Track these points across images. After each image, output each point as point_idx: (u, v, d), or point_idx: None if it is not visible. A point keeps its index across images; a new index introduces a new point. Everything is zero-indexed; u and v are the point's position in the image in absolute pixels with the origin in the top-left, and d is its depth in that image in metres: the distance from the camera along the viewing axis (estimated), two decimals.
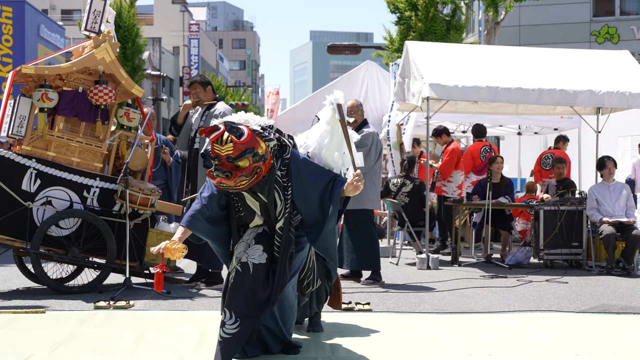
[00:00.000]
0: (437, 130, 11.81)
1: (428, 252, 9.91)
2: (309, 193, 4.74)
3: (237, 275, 4.65)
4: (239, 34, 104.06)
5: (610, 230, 9.55)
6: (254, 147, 4.56)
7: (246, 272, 4.64)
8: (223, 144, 4.53)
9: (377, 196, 8.66)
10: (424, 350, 5.20)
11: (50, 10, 53.03)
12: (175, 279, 8.11)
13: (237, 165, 4.53)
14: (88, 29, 7.93)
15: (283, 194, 4.71)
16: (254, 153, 4.55)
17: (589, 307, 6.97)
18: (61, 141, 7.49)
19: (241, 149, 4.52)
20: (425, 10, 22.12)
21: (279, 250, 4.70)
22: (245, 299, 4.62)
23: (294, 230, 4.76)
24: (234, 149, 4.51)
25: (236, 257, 4.72)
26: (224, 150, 4.53)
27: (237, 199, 4.78)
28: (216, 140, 4.55)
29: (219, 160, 4.54)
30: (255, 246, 4.72)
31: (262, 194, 4.71)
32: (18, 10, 19.35)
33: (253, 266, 4.65)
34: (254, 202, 4.76)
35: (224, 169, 4.52)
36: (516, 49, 12.51)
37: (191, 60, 53.64)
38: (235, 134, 4.52)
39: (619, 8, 27.09)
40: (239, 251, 4.74)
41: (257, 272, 4.65)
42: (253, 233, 4.79)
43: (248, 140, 4.55)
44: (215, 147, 4.56)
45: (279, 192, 4.70)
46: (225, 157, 4.53)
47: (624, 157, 12.66)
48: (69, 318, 6.11)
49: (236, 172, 4.52)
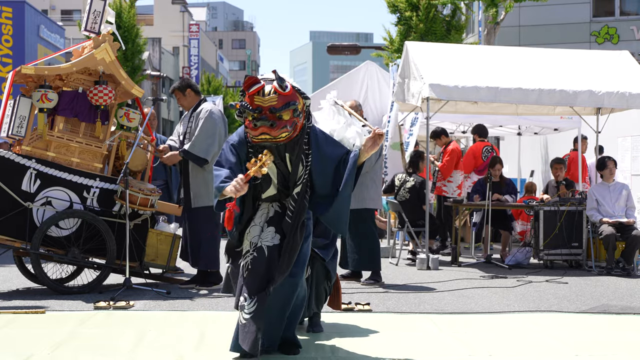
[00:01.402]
0: (436, 132, 11.82)
1: (428, 252, 9.91)
2: (326, 164, 4.79)
3: (253, 260, 4.69)
4: (238, 34, 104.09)
5: (610, 230, 9.55)
6: (296, 101, 4.63)
7: (262, 256, 4.68)
8: (265, 96, 4.56)
9: (379, 195, 8.66)
10: (424, 351, 5.19)
11: (50, 11, 53.03)
12: (175, 279, 8.11)
13: (280, 117, 4.57)
14: (88, 29, 7.93)
15: (305, 160, 4.76)
16: (295, 107, 4.61)
17: (589, 308, 6.97)
18: (61, 141, 7.49)
19: (285, 101, 4.57)
20: (426, 11, 22.12)
21: (292, 216, 4.72)
22: (263, 281, 4.66)
23: (308, 197, 4.79)
24: (278, 99, 4.56)
25: (251, 242, 4.76)
26: (267, 101, 4.56)
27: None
28: (257, 92, 4.57)
29: (261, 111, 4.56)
30: (268, 229, 4.76)
31: (291, 154, 4.73)
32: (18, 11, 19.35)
33: (268, 249, 4.70)
34: (273, 169, 4.77)
35: (268, 119, 4.55)
36: (516, 49, 12.51)
37: (191, 60, 53.66)
38: (281, 84, 4.57)
39: (619, 8, 27.08)
40: (253, 235, 4.77)
41: (271, 254, 4.70)
42: (264, 215, 4.82)
43: (291, 94, 4.62)
44: (256, 99, 4.58)
45: (303, 157, 4.76)
46: (268, 108, 4.56)
47: (624, 157, 12.65)
48: (69, 318, 6.11)
49: (280, 123, 4.56)
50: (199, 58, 54.12)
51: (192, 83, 8.16)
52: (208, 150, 7.63)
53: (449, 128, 13.38)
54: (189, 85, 8.04)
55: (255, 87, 4.59)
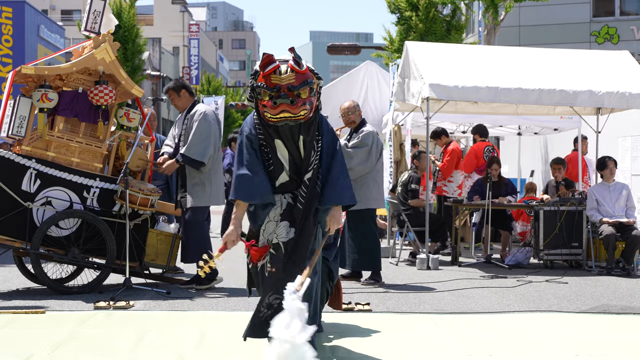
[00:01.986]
0: (436, 132, 11.82)
1: (428, 252, 9.91)
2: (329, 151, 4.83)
3: (272, 259, 4.70)
4: (238, 34, 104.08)
5: (610, 230, 9.54)
6: (312, 79, 4.65)
7: (279, 253, 4.70)
8: (282, 74, 4.57)
9: (381, 195, 8.66)
10: (424, 351, 5.20)
11: (50, 11, 53.03)
12: (175, 279, 8.11)
13: (299, 94, 4.58)
14: (88, 29, 7.93)
15: (316, 145, 4.78)
16: (312, 86, 4.64)
17: (589, 308, 6.97)
18: (61, 141, 7.49)
19: (303, 79, 4.58)
20: (426, 11, 22.12)
21: (303, 202, 4.72)
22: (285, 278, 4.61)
23: (320, 183, 4.79)
24: (295, 77, 4.57)
25: (268, 239, 4.78)
26: (285, 79, 4.56)
27: (268, 150, 4.79)
28: (273, 72, 4.57)
29: (279, 89, 4.56)
30: (281, 224, 4.76)
31: (305, 136, 4.73)
32: (18, 11, 19.33)
33: (284, 244, 4.71)
34: (285, 155, 4.78)
35: (288, 96, 4.55)
36: (516, 49, 12.50)
37: (191, 60, 53.69)
38: (299, 62, 4.58)
39: (618, 8, 27.08)
40: (269, 232, 4.78)
41: (287, 248, 4.71)
42: (277, 209, 4.80)
43: (307, 71, 4.64)
44: (273, 78, 4.57)
45: (315, 142, 4.77)
46: (286, 85, 4.55)
47: (624, 157, 12.65)
48: (69, 318, 6.11)
49: (299, 101, 4.57)
50: (199, 58, 54.13)
51: (186, 84, 8.15)
52: (204, 153, 7.63)
53: (449, 128, 13.37)
54: (184, 86, 8.03)
55: (271, 66, 4.59)
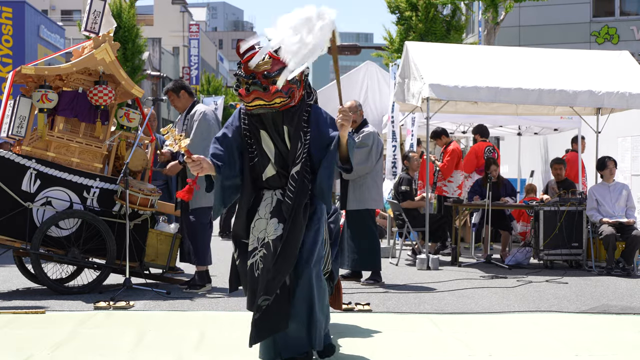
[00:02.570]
0: (436, 132, 11.82)
1: (428, 252, 9.91)
2: (322, 142, 4.58)
3: (264, 258, 4.49)
4: (239, 34, 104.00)
5: (610, 230, 9.54)
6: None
7: (269, 252, 4.48)
8: (260, 61, 4.41)
9: (380, 196, 8.66)
10: (424, 351, 5.19)
11: (50, 11, 53.04)
12: (175, 279, 8.11)
13: (274, 82, 4.39)
14: (88, 29, 7.93)
15: (304, 137, 4.56)
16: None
17: (589, 308, 6.97)
18: (61, 142, 7.49)
19: (280, 65, 4.39)
20: (425, 11, 22.13)
21: (292, 197, 4.50)
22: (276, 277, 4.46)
23: (309, 177, 4.57)
24: (272, 64, 4.41)
25: (258, 237, 4.56)
26: (261, 66, 4.41)
27: (252, 142, 4.62)
28: (251, 59, 4.41)
29: (254, 77, 4.41)
30: (271, 221, 4.55)
31: (289, 126, 4.54)
32: (18, 11, 19.33)
33: (272, 242, 4.49)
34: (270, 147, 4.61)
35: (261, 83, 4.39)
36: (516, 50, 12.50)
37: (191, 60, 53.70)
38: (276, 49, 4.38)
39: (618, 8, 27.08)
40: (260, 230, 4.57)
41: (276, 246, 4.49)
42: (268, 206, 4.60)
43: None
44: (249, 65, 4.43)
45: (302, 133, 4.56)
46: (262, 73, 4.40)
47: (624, 158, 12.66)
48: (69, 318, 6.11)
49: (273, 87, 4.39)
50: (199, 58, 54.14)
51: (185, 85, 8.13)
52: (204, 153, 7.59)
53: (449, 128, 13.37)
54: (183, 86, 8.02)
55: (250, 53, 4.43)
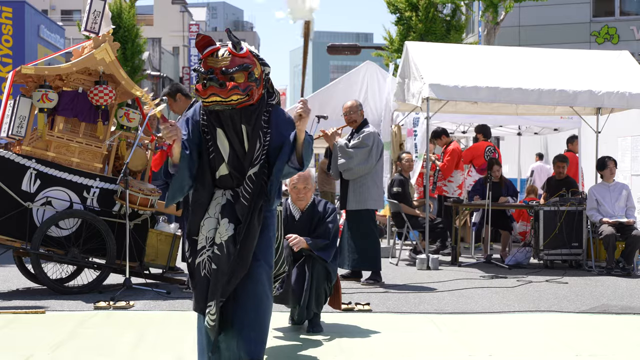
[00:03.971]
0: (436, 132, 11.83)
1: (428, 252, 9.91)
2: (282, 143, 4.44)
3: (215, 258, 4.32)
4: (238, 34, 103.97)
5: (610, 230, 9.54)
6: (251, 65, 4.36)
7: (222, 254, 4.32)
8: (219, 57, 4.34)
9: (380, 196, 8.66)
10: (424, 350, 5.20)
11: (50, 11, 53.00)
12: (175, 279, 8.11)
13: (232, 78, 4.31)
14: (88, 29, 7.93)
15: (263, 138, 4.45)
16: (250, 72, 4.34)
17: (589, 308, 6.97)
18: (61, 141, 7.50)
19: (238, 62, 4.32)
20: (425, 11, 22.13)
21: (248, 198, 4.36)
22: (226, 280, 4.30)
23: (266, 180, 4.44)
24: (230, 61, 4.32)
25: (207, 236, 4.38)
26: (220, 62, 4.33)
27: (209, 137, 4.48)
28: (211, 54, 4.36)
29: (212, 72, 4.32)
30: (222, 221, 4.40)
31: (247, 125, 4.43)
32: (18, 11, 19.32)
33: (225, 244, 4.33)
34: (225, 146, 4.47)
35: (218, 79, 4.30)
36: (516, 49, 12.50)
37: (191, 60, 53.66)
38: (235, 45, 4.34)
39: (618, 8, 27.07)
40: (209, 229, 4.40)
41: (228, 247, 4.32)
42: (218, 206, 4.45)
43: (246, 56, 4.37)
44: (209, 60, 4.36)
45: (262, 134, 4.45)
46: (220, 69, 4.32)
47: (624, 157, 12.65)
48: (69, 318, 6.12)
49: (229, 84, 4.29)
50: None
51: (181, 87, 8.14)
52: None
53: (449, 128, 13.38)
54: (179, 89, 8.03)
55: (210, 48, 4.37)
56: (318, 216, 5.82)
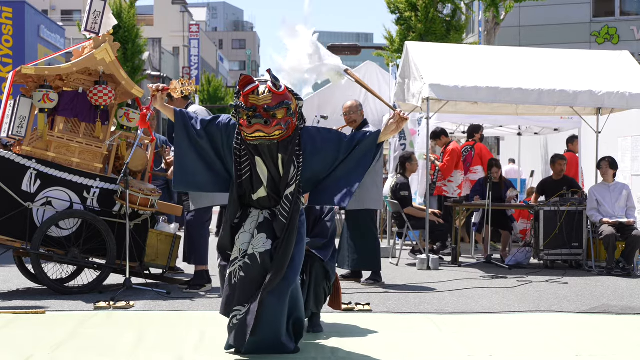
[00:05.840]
0: (436, 132, 11.82)
1: (428, 252, 9.90)
2: (324, 149, 4.89)
3: (245, 267, 4.77)
4: (239, 34, 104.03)
5: (610, 230, 9.54)
6: (289, 101, 4.75)
7: (254, 263, 4.76)
8: (260, 95, 4.70)
9: (380, 196, 8.66)
10: (424, 351, 5.20)
11: (50, 11, 52.99)
12: (175, 279, 8.10)
13: (274, 115, 4.68)
14: (88, 29, 7.92)
15: (297, 161, 4.84)
16: (288, 106, 4.73)
17: (589, 308, 6.97)
18: (61, 142, 7.49)
19: (279, 100, 4.69)
20: (425, 11, 22.13)
21: (287, 217, 4.79)
22: (255, 289, 4.74)
23: (301, 197, 4.90)
24: (272, 98, 4.69)
25: (240, 248, 4.82)
26: (262, 100, 4.69)
27: (243, 161, 4.87)
28: (252, 92, 4.70)
29: (255, 110, 4.68)
30: (259, 235, 4.83)
31: (284, 154, 4.81)
32: (18, 11, 19.31)
33: (260, 255, 4.78)
34: (264, 172, 4.86)
35: (262, 116, 4.67)
36: (516, 50, 12.51)
37: (191, 60, 53.71)
38: (276, 84, 4.71)
39: (619, 8, 27.09)
40: (243, 242, 4.83)
41: (264, 259, 4.77)
42: (254, 222, 4.89)
43: (285, 93, 4.75)
44: (251, 98, 4.70)
45: (295, 158, 4.83)
46: (262, 106, 4.68)
47: (624, 157, 12.65)
48: (69, 319, 6.12)
49: (273, 121, 4.68)
50: (199, 58, 54.14)
51: None
52: None
53: (449, 128, 13.37)
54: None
55: (250, 86, 4.72)
56: (316, 215, 5.82)
